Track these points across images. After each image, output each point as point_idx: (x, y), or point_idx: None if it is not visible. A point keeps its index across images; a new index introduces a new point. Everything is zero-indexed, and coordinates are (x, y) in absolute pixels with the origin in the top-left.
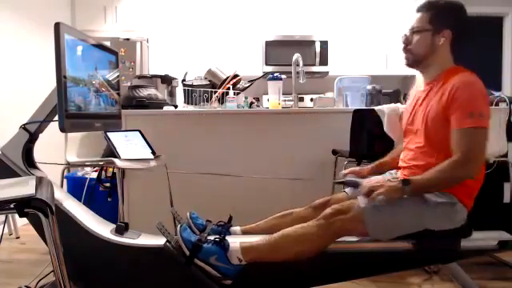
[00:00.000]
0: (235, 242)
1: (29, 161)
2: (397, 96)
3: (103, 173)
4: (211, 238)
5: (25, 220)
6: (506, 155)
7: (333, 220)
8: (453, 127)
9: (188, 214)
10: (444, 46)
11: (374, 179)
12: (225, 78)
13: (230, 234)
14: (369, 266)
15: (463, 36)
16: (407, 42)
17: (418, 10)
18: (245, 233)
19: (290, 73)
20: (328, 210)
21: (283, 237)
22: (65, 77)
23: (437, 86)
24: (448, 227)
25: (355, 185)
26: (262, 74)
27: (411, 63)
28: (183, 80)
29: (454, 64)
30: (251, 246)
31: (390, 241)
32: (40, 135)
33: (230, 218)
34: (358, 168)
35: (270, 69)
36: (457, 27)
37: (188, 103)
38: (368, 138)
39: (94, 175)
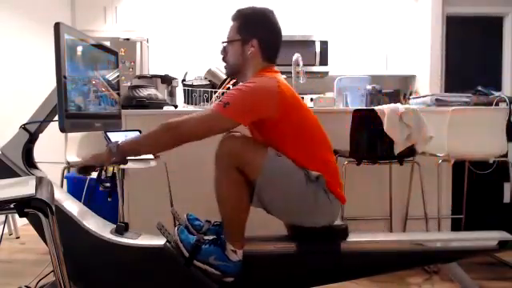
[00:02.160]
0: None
1: (29, 161)
2: (397, 96)
3: (103, 173)
4: (209, 238)
5: (25, 220)
6: (506, 155)
7: (227, 147)
8: None
9: (185, 215)
10: (254, 55)
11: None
12: (225, 78)
13: None
14: (369, 266)
15: (271, 41)
16: (224, 53)
17: (231, 19)
18: None
19: (290, 73)
20: (224, 135)
21: (218, 206)
22: (65, 77)
23: None
24: (323, 219)
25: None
26: None
27: (229, 73)
28: (183, 80)
29: (268, 66)
30: (225, 233)
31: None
32: (40, 135)
33: None
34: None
35: None
36: (261, 34)
37: (188, 103)
38: (368, 138)
39: (94, 175)
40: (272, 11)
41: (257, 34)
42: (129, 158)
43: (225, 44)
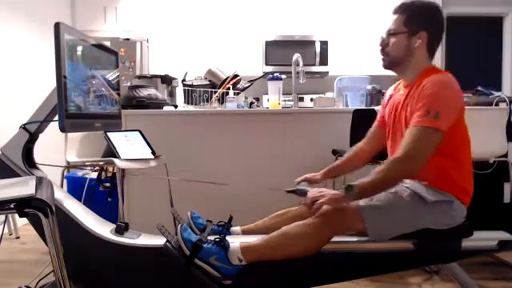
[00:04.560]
0: (235, 242)
1: (29, 161)
2: None
3: (103, 173)
4: (211, 238)
5: (25, 220)
6: (506, 155)
7: (330, 217)
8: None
9: (189, 213)
10: (420, 48)
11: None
12: (225, 78)
13: (230, 234)
14: (369, 266)
15: (439, 36)
16: (384, 44)
17: (395, 12)
18: (245, 233)
19: (290, 73)
20: (325, 207)
21: (282, 236)
22: (65, 77)
23: (414, 88)
24: (447, 225)
25: (304, 194)
26: (262, 74)
27: (388, 65)
28: (183, 80)
29: (430, 64)
30: (251, 246)
31: (389, 240)
32: (40, 135)
33: (231, 218)
34: (311, 174)
35: (270, 69)
36: (432, 28)
37: (188, 103)
38: None
39: (94, 175)
40: (439, 6)
41: (427, 27)
42: (130, 158)
43: (385, 35)
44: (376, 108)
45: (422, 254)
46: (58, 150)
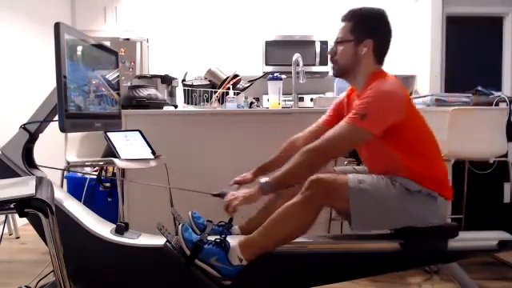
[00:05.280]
0: (235, 242)
1: (29, 161)
2: None
3: (103, 173)
4: (212, 238)
5: (25, 220)
6: (506, 155)
7: (315, 190)
8: None
9: (190, 213)
10: (367, 56)
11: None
12: (225, 78)
13: (230, 234)
14: (362, 266)
15: (386, 42)
16: (333, 52)
17: (342, 20)
18: (243, 230)
19: (290, 73)
20: (311, 178)
21: (273, 222)
22: (65, 77)
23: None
24: (432, 223)
25: (224, 197)
26: (262, 74)
27: (338, 74)
28: (183, 80)
29: (379, 68)
30: (248, 241)
31: (375, 240)
32: (40, 135)
33: (231, 219)
34: (241, 176)
35: (270, 69)
36: (377, 35)
37: (188, 103)
38: None
39: (94, 175)
40: (385, 11)
41: (372, 34)
42: (130, 158)
43: (333, 45)
44: None
45: (409, 254)
46: (57, 150)
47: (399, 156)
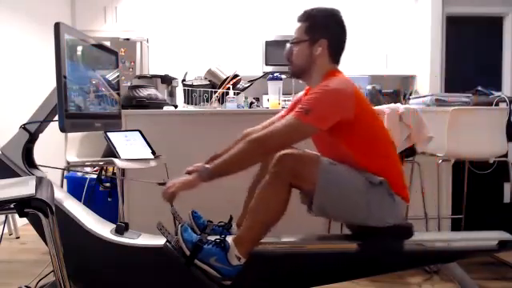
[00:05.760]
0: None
1: (29, 161)
2: (397, 96)
3: (103, 173)
4: (212, 238)
5: (25, 220)
6: (506, 155)
7: (281, 167)
8: None
9: (190, 212)
10: (322, 55)
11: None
12: (225, 78)
13: (230, 234)
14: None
15: (340, 41)
16: (289, 53)
17: (298, 20)
18: (238, 227)
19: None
20: (279, 153)
21: (252, 210)
22: (65, 77)
23: None
24: (389, 220)
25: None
26: (262, 74)
27: (294, 74)
28: (183, 80)
29: (334, 68)
30: (238, 238)
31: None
32: (40, 135)
33: (231, 219)
34: (194, 166)
35: (269, 69)
36: (331, 35)
37: (188, 103)
38: None
39: (94, 175)
40: (339, 11)
41: (326, 34)
42: (130, 158)
43: (290, 45)
44: (376, 108)
45: (367, 255)
46: (57, 149)
47: (351, 153)
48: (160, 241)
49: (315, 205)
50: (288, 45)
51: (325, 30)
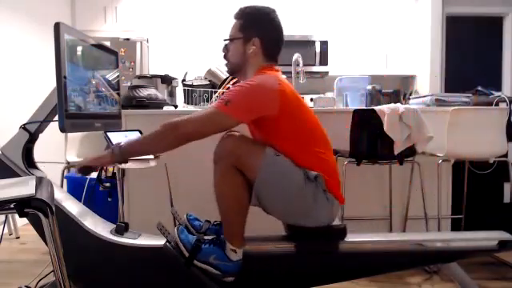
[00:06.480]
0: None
1: (29, 161)
2: (397, 96)
3: (103, 173)
4: (209, 237)
5: (25, 220)
6: (506, 155)
7: (225, 147)
8: None
9: (185, 215)
10: (255, 54)
11: None
12: (225, 78)
13: None
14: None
15: (274, 40)
16: (225, 50)
17: (234, 17)
18: None
19: (290, 73)
20: (223, 136)
21: (218, 205)
22: (65, 77)
23: None
24: (323, 220)
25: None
26: None
27: (230, 72)
28: (183, 80)
29: (267, 65)
30: (225, 232)
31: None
32: (40, 135)
33: None
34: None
35: None
36: (265, 33)
37: (188, 103)
38: (368, 137)
39: (94, 175)
40: (274, 10)
41: (259, 32)
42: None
43: (226, 42)
44: (376, 108)
45: (302, 256)
46: (57, 149)
47: (280, 148)
48: (160, 241)
49: (254, 193)
50: (223, 42)
51: (258, 29)
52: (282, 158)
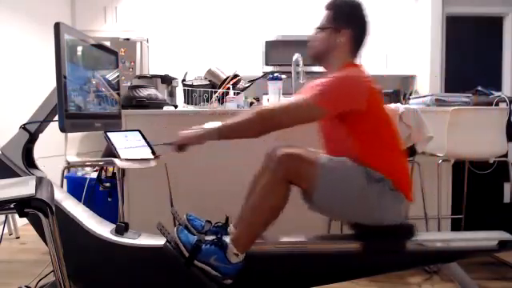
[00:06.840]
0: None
1: (29, 161)
2: (397, 96)
3: (103, 173)
4: (210, 238)
5: (25, 220)
6: (506, 155)
7: (282, 166)
8: None
9: (185, 215)
10: (344, 44)
11: None
12: (225, 78)
13: (227, 234)
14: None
15: (362, 34)
16: (312, 38)
17: (325, 8)
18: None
19: (290, 73)
20: (280, 153)
21: (249, 207)
22: (65, 77)
23: None
24: (389, 218)
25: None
26: (261, 74)
27: (312, 58)
28: (183, 80)
29: (351, 60)
30: (236, 235)
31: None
32: (40, 135)
33: (227, 219)
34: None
35: (269, 69)
36: (355, 26)
37: (188, 103)
38: None
39: (94, 175)
40: (364, 5)
41: (351, 25)
42: (130, 158)
43: (315, 30)
44: None
45: (367, 256)
46: (57, 150)
47: (358, 145)
48: (160, 241)
49: (316, 204)
50: (314, 30)
51: (349, 21)
52: (338, 162)
